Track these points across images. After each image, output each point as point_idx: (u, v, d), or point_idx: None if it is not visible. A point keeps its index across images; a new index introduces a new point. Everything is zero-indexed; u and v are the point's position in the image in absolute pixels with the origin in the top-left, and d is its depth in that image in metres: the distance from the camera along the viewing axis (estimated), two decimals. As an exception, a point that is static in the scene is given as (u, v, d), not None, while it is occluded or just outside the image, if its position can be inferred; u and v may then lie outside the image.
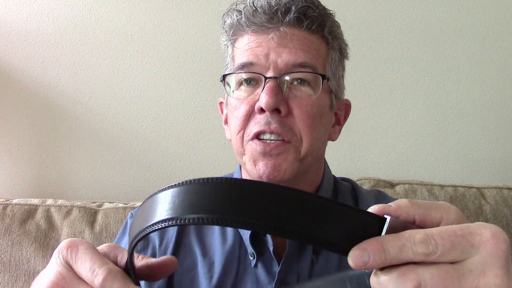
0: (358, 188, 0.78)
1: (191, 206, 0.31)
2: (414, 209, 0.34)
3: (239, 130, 0.64)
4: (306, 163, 0.64)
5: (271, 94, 0.60)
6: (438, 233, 0.31)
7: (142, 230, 0.33)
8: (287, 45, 0.63)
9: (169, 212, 0.31)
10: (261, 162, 0.62)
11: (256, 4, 0.64)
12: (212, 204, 0.30)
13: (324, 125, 0.66)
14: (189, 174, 1.36)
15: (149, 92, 1.35)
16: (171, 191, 0.32)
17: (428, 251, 0.31)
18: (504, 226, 1.18)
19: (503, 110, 1.45)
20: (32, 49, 1.31)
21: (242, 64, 0.64)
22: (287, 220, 0.30)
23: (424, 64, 1.43)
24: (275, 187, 0.31)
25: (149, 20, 1.35)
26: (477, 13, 1.43)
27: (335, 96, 0.68)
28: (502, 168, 1.45)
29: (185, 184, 0.32)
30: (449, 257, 0.31)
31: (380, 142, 1.42)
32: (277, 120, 0.61)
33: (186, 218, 0.30)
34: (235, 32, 0.67)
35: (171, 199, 0.32)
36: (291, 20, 0.63)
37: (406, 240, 0.31)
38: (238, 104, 0.64)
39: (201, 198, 0.31)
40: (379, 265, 0.31)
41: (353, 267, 0.31)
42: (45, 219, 1.11)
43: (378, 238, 0.32)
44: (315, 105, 0.63)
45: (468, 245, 0.31)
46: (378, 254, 0.31)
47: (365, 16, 1.40)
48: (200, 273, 0.68)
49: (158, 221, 0.31)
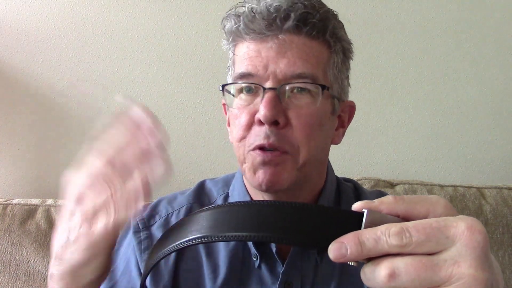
0: (361, 188, 0.78)
1: (225, 225, 0.37)
2: (398, 205, 0.35)
3: (240, 139, 0.64)
4: (306, 171, 0.64)
5: (269, 106, 0.60)
6: (414, 226, 0.33)
7: (178, 243, 0.38)
8: (286, 55, 0.62)
9: (202, 231, 0.37)
10: (261, 170, 0.62)
11: (255, 10, 0.62)
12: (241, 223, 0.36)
13: (325, 131, 0.66)
14: (189, 174, 1.36)
15: (149, 92, 1.35)
16: (201, 214, 0.38)
17: (402, 243, 0.32)
18: (504, 226, 1.19)
19: (503, 110, 1.45)
20: (32, 49, 1.31)
21: (240, 75, 0.64)
22: (283, 228, 0.35)
23: (424, 64, 1.43)
24: (253, 204, 0.36)
25: (149, 20, 1.35)
26: (477, 13, 1.43)
27: (338, 100, 0.67)
28: (502, 168, 1.45)
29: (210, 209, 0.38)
30: (424, 248, 0.32)
31: (380, 142, 1.42)
32: (275, 133, 0.61)
33: (219, 236, 0.36)
34: (234, 38, 0.66)
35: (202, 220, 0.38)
36: (290, 28, 0.62)
37: (381, 233, 0.33)
38: (239, 113, 0.64)
39: (225, 219, 0.37)
40: (356, 257, 0.33)
41: (333, 259, 0.34)
42: (45, 219, 1.11)
43: (355, 232, 0.34)
44: (314, 114, 0.63)
45: (443, 237, 0.32)
46: (354, 247, 0.33)
47: (365, 16, 1.40)
48: (204, 274, 0.68)
49: (195, 237, 0.37)
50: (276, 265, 0.66)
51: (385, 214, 0.35)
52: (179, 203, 0.74)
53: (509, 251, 1.18)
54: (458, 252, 0.32)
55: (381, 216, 0.35)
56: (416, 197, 0.36)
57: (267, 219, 0.35)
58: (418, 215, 0.35)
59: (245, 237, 0.35)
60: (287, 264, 0.65)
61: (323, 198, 0.70)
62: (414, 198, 0.36)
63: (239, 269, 0.67)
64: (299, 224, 0.35)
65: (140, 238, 0.71)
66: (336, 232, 0.34)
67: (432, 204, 0.35)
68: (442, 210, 0.35)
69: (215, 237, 0.36)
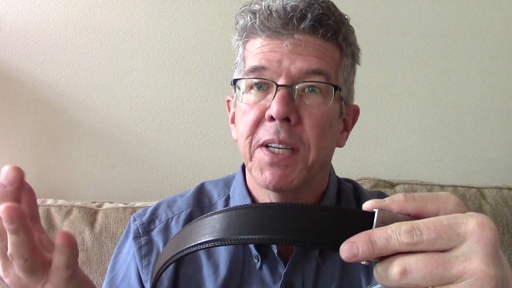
0: (360, 189, 0.78)
1: (234, 228, 0.37)
2: (409, 203, 0.35)
3: (248, 135, 0.63)
4: (313, 171, 0.64)
5: (282, 103, 0.59)
6: (424, 223, 0.33)
7: (189, 247, 0.38)
8: (301, 53, 0.61)
9: (215, 234, 0.37)
10: (268, 171, 0.61)
11: (271, 7, 0.62)
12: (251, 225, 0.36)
13: (333, 133, 0.66)
14: (189, 174, 1.36)
15: (149, 92, 1.35)
16: (209, 218, 0.38)
17: (413, 241, 0.32)
18: (504, 226, 1.19)
19: (503, 110, 1.45)
20: (32, 49, 1.31)
21: (253, 68, 0.63)
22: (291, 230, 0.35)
23: (424, 64, 1.43)
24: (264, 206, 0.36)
25: (149, 20, 1.35)
26: (477, 13, 1.43)
27: (344, 103, 0.68)
28: (502, 168, 1.45)
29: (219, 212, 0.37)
30: (436, 246, 0.32)
31: (380, 142, 1.42)
32: (286, 129, 0.60)
33: (232, 238, 0.36)
34: (248, 35, 0.65)
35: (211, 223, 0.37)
36: (306, 28, 0.61)
37: (392, 231, 0.33)
38: (248, 109, 0.63)
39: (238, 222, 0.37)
40: (368, 257, 0.33)
41: (345, 259, 0.33)
42: (45, 219, 1.11)
43: (366, 232, 0.34)
44: (325, 115, 0.63)
45: (454, 234, 0.32)
46: (366, 246, 0.33)
47: (365, 16, 1.40)
48: (205, 275, 0.68)
49: (208, 241, 0.37)
50: (277, 266, 0.66)
51: (396, 213, 0.35)
52: (179, 207, 0.74)
53: (509, 251, 1.18)
54: (470, 249, 0.32)
55: (392, 215, 0.35)
56: (426, 195, 0.36)
57: (281, 222, 0.35)
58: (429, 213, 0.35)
59: (262, 239, 0.35)
60: (290, 265, 0.65)
61: (326, 199, 0.70)
62: (425, 196, 0.36)
63: (240, 270, 0.67)
64: (313, 225, 0.35)
65: (140, 244, 0.71)
66: (348, 232, 0.34)
67: (442, 201, 0.35)
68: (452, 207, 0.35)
69: (229, 240, 0.36)
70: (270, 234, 0.35)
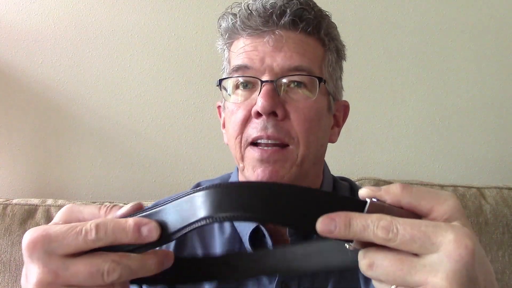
0: (357, 188, 0.78)
1: (222, 205, 0.35)
2: (404, 196, 0.35)
3: (237, 135, 0.64)
4: (305, 167, 0.64)
5: (267, 97, 0.60)
6: (403, 223, 0.33)
7: (185, 226, 0.36)
8: (283, 49, 0.62)
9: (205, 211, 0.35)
10: (259, 168, 0.62)
11: (251, 7, 0.63)
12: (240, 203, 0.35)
13: (323, 127, 0.66)
14: (189, 174, 1.36)
15: (149, 92, 1.35)
16: (202, 193, 0.36)
17: (387, 237, 0.33)
18: (504, 226, 1.19)
19: (503, 110, 1.45)
20: (32, 49, 1.31)
21: (237, 67, 0.64)
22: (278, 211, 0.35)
23: (424, 64, 1.43)
24: (255, 184, 0.36)
25: (149, 20, 1.35)
26: (477, 13, 1.43)
27: (333, 98, 0.68)
28: (502, 168, 1.45)
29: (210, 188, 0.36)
30: (408, 247, 0.33)
31: (380, 142, 1.42)
32: (273, 124, 0.61)
33: (220, 216, 0.34)
34: (230, 36, 0.67)
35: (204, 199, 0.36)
36: (287, 23, 0.63)
37: (371, 221, 0.34)
38: (235, 109, 0.64)
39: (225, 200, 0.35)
40: (342, 237, 0.34)
41: (319, 232, 0.34)
42: (45, 219, 1.11)
43: (348, 213, 0.34)
44: (312, 108, 0.63)
45: (429, 242, 0.32)
46: (343, 227, 0.34)
47: (365, 16, 1.40)
48: None
49: (198, 219, 0.35)
50: None
51: (389, 204, 0.35)
52: None
53: (509, 251, 1.18)
54: (439, 261, 0.32)
55: (384, 207, 0.35)
56: (425, 191, 0.36)
57: (270, 201, 0.35)
58: (422, 210, 0.35)
59: (254, 218, 0.35)
60: None
61: None
62: (423, 192, 0.36)
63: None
64: (304, 207, 0.35)
65: None
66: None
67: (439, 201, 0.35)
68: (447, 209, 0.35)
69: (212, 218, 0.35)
70: (261, 214, 0.35)
